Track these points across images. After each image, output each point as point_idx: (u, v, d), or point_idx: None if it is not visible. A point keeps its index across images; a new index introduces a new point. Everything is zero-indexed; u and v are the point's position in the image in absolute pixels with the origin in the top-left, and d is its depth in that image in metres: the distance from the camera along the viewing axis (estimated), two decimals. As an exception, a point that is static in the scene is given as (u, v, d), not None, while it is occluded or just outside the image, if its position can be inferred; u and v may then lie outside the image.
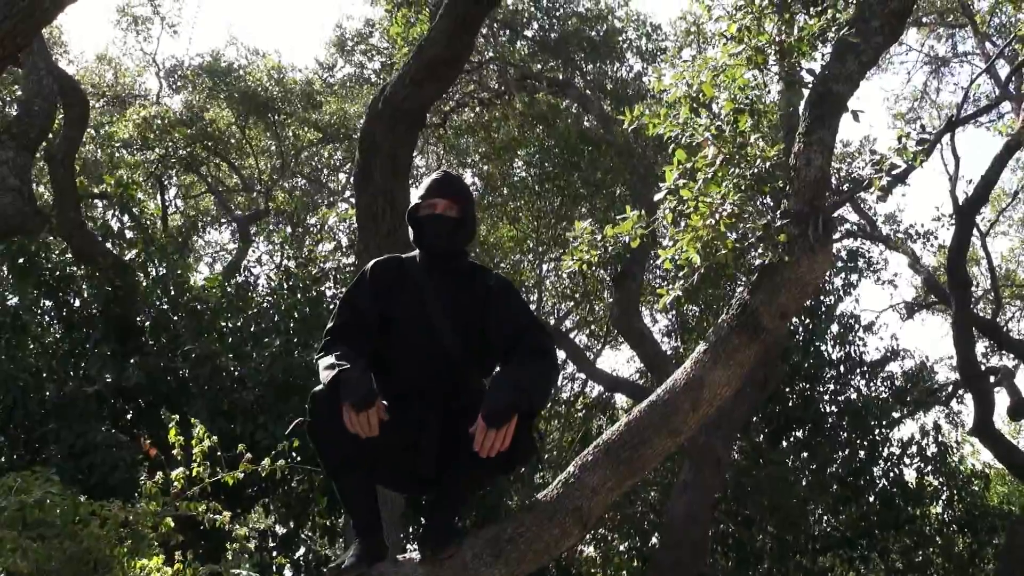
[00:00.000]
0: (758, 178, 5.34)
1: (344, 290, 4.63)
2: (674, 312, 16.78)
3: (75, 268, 12.13)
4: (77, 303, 12.25)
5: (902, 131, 5.33)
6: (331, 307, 12.95)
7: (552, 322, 18.65)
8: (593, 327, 19.93)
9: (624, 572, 15.51)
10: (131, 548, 5.35)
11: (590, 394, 19.45)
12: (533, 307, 17.70)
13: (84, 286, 12.16)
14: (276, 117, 20.03)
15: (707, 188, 5.29)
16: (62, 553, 4.85)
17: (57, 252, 12.31)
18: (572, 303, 19.26)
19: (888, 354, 16.10)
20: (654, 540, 14.98)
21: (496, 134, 16.74)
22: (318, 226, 19.03)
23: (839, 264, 15.37)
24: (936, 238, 17.94)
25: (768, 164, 5.41)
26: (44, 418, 10.88)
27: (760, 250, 5.17)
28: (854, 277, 15.71)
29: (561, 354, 18.73)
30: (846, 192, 10.11)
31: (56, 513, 5.15)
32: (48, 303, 12.25)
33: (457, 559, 4.17)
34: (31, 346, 11.80)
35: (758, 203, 5.42)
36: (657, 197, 5.62)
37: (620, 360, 57.90)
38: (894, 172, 5.64)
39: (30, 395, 10.87)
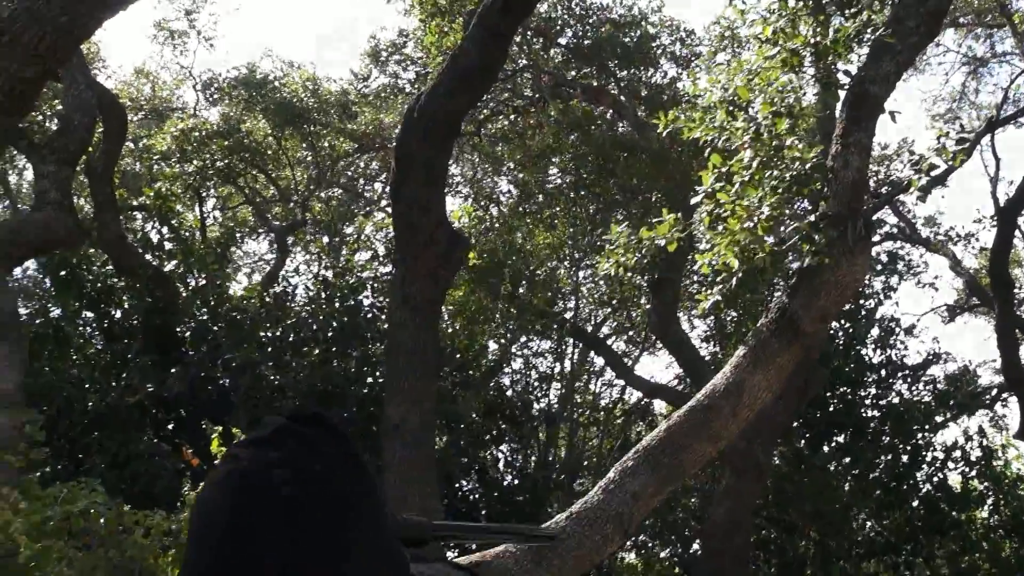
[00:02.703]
0: (796, 181, 5.31)
1: (379, 300, 4.55)
2: (712, 317, 16.69)
3: (116, 280, 12.25)
4: (118, 314, 12.38)
5: (941, 131, 5.28)
6: (368, 316, 13.03)
7: (589, 329, 18.61)
8: (631, 333, 19.87)
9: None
10: (175, 557, 5.38)
11: (628, 400, 19.38)
12: (570, 314, 17.69)
13: (125, 297, 12.28)
14: (312, 128, 20.13)
15: (744, 191, 5.27)
16: (107, 562, 4.89)
17: (98, 264, 12.44)
18: (609, 309, 19.21)
19: (930, 357, 15.91)
20: (695, 547, 14.89)
21: (531, 141, 16.74)
22: (355, 235, 19.12)
23: (879, 267, 15.23)
24: (977, 240, 17.77)
25: (806, 167, 5.38)
26: (87, 428, 11.00)
27: (798, 253, 5.13)
28: (894, 280, 15.56)
29: (599, 361, 18.70)
30: (885, 194, 10.02)
31: (101, 523, 5.20)
32: (90, 315, 12.38)
33: (500, 565, 4.17)
34: (73, 357, 11.93)
35: (796, 206, 5.39)
36: (694, 201, 5.61)
37: (658, 366, 57.75)
38: (933, 173, 5.59)
39: (73, 406, 10.99)
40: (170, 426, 11.86)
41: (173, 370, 11.49)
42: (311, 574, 1.33)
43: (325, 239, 20.41)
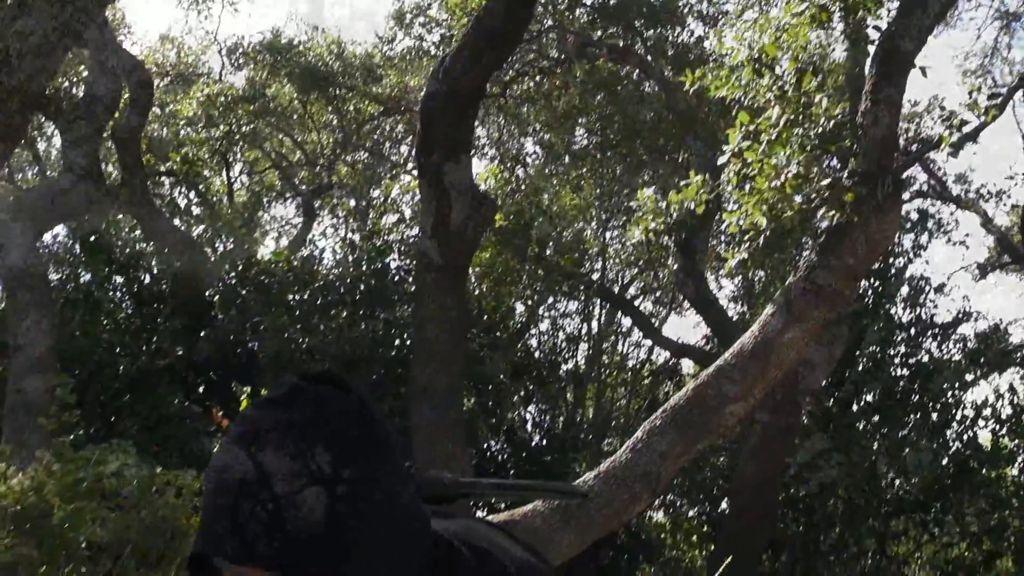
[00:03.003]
0: (824, 138, 5.26)
1: (407, 262, 4.51)
2: (740, 277, 16.64)
3: (144, 245, 12.32)
4: (147, 279, 12.46)
5: (973, 85, 5.21)
6: (396, 279, 13.06)
7: (616, 290, 18.59)
8: (658, 294, 19.85)
9: (694, 537, 15.50)
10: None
11: (656, 361, 19.38)
12: (597, 275, 17.68)
13: (154, 262, 12.36)
14: (337, 91, 20.11)
15: (772, 149, 5.22)
16: (139, 522, 4.95)
17: (127, 229, 12.51)
18: (636, 270, 19.18)
19: (960, 316, 15.79)
20: (724, 506, 14.92)
21: (557, 102, 16.65)
22: (381, 198, 19.14)
23: (908, 225, 15.09)
24: (1009, 197, 17.55)
25: (834, 123, 5.32)
26: (118, 392, 11.10)
27: (827, 211, 5.10)
28: (924, 238, 15.42)
29: (626, 321, 18.70)
30: (915, 151, 9.92)
31: (133, 484, 5.26)
32: (119, 280, 12.47)
33: (528, 524, 4.19)
34: (104, 322, 12.03)
35: (824, 164, 5.34)
36: (721, 160, 5.57)
37: (686, 327, 57.69)
38: (965, 128, 5.52)
39: (104, 370, 11.09)
40: (200, 389, 11.96)
41: (202, 334, 11.58)
42: (321, 531, 1.34)
43: (352, 203, 20.45)
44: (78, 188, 10.90)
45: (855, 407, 15.02)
